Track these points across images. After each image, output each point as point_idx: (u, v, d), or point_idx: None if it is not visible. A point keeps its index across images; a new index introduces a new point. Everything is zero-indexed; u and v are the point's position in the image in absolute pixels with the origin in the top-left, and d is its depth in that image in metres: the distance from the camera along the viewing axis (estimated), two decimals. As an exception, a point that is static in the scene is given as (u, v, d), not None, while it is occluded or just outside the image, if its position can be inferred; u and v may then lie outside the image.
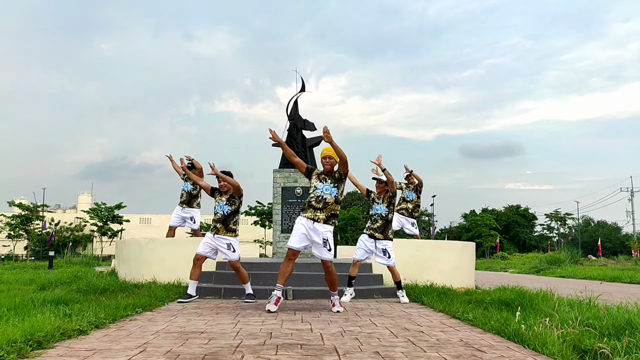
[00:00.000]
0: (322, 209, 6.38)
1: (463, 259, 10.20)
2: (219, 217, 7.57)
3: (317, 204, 6.40)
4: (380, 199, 7.86)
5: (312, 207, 6.42)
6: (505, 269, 26.32)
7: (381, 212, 7.80)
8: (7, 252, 60.41)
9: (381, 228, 7.77)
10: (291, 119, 12.83)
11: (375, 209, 7.89)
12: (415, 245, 9.60)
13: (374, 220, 7.83)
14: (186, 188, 10.45)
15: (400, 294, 7.82)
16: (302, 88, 13.28)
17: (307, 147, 12.74)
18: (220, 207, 7.60)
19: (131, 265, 9.95)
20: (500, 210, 77.35)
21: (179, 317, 5.70)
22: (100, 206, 59.24)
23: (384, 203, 7.83)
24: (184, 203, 10.36)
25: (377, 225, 7.79)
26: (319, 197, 6.41)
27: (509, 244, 71.19)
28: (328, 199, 6.41)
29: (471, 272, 10.57)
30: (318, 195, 6.42)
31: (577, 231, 69.06)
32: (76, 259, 23.11)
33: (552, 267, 22.34)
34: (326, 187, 6.43)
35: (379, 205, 7.85)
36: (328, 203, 6.41)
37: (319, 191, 6.43)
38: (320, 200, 6.40)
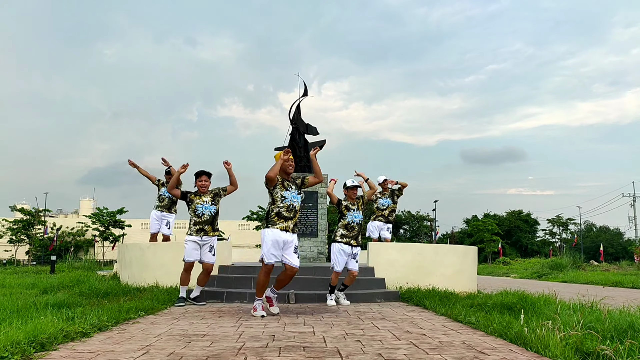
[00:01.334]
0: (291, 218, 6.38)
1: (465, 263, 10.20)
2: (207, 218, 7.51)
3: (287, 213, 6.35)
4: (355, 206, 7.78)
5: (282, 217, 6.33)
6: (507, 274, 26.28)
7: (358, 220, 7.74)
8: (9, 257, 60.42)
9: (357, 235, 7.74)
10: (294, 124, 12.86)
11: (351, 216, 7.73)
12: (417, 249, 9.60)
13: (350, 228, 7.70)
14: (167, 193, 10.50)
15: (343, 295, 7.82)
16: (305, 92, 13.32)
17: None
18: (205, 208, 7.52)
19: (133, 269, 9.96)
20: (502, 216, 77.23)
21: (181, 321, 5.70)
22: (102, 211, 59.33)
23: (359, 210, 7.79)
24: (164, 208, 10.50)
25: (354, 233, 7.71)
26: (289, 207, 6.36)
27: (511, 249, 71.04)
28: (297, 206, 6.45)
29: (473, 276, 10.56)
30: (288, 204, 6.36)
31: (580, 236, 68.86)
32: (78, 263, 23.12)
33: (554, 272, 22.28)
34: (294, 195, 6.43)
35: (356, 213, 7.75)
36: (297, 211, 6.46)
37: (287, 200, 6.37)
38: (291, 209, 6.37)
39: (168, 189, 7.84)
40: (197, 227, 7.54)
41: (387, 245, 9.43)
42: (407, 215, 77.11)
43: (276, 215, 6.33)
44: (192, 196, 7.59)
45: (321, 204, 12.29)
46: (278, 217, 6.32)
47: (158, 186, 10.68)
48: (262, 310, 6.25)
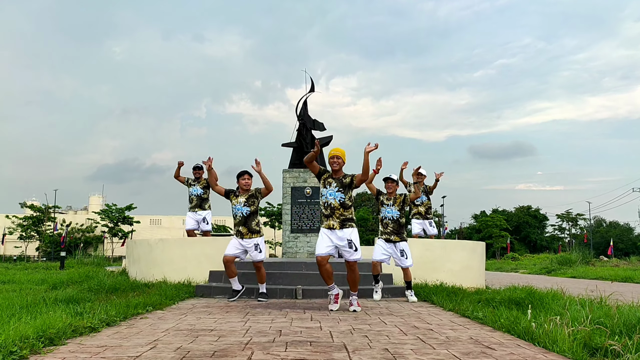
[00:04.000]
0: (331, 215, 6.40)
1: (473, 258, 10.17)
2: (239, 219, 7.48)
3: (325, 210, 6.44)
4: (391, 201, 7.71)
5: (324, 215, 6.47)
6: (515, 270, 26.19)
7: (392, 216, 7.66)
8: (19, 253, 60.90)
9: (395, 231, 7.66)
10: (301, 120, 12.84)
11: (385, 211, 7.70)
12: (425, 244, 9.58)
13: (385, 224, 7.70)
14: (195, 192, 10.49)
15: (410, 293, 7.79)
16: (312, 88, 13.30)
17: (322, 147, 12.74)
18: (238, 209, 7.49)
19: (141, 265, 10.01)
20: (510, 211, 76.97)
21: (189, 316, 5.73)
22: (111, 207, 59.63)
23: (395, 206, 7.69)
24: (196, 207, 10.42)
25: (390, 229, 7.66)
26: (325, 204, 6.44)
27: (520, 245, 70.79)
28: (333, 203, 6.40)
29: (481, 271, 10.53)
30: (324, 201, 6.44)
31: (589, 232, 68.47)
32: (87, 259, 23.31)
33: (563, 267, 22.20)
34: (330, 192, 6.43)
35: (390, 208, 7.69)
36: (334, 208, 6.40)
37: (324, 197, 6.45)
38: (327, 206, 6.42)
39: (212, 188, 7.81)
40: (235, 228, 7.61)
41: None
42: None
43: (322, 214, 6.54)
44: (232, 196, 7.62)
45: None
46: (322, 215, 6.52)
47: (187, 186, 10.69)
48: (335, 304, 6.50)
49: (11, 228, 59.08)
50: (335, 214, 6.39)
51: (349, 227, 6.43)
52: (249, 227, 7.51)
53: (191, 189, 10.54)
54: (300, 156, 12.42)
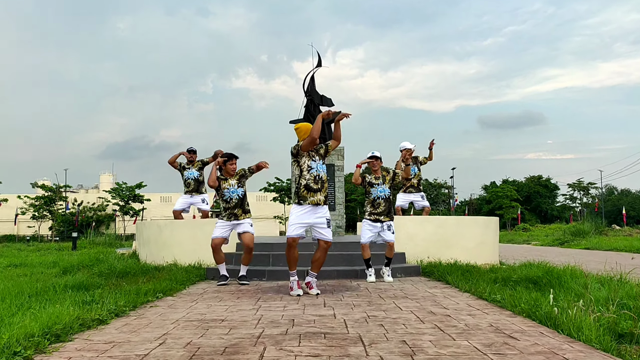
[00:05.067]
0: (320, 189, 6.18)
1: (487, 234, 9.99)
2: (235, 202, 7.35)
3: (315, 184, 6.13)
4: (380, 179, 7.48)
5: (310, 190, 6.12)
6: (528, 242, 26.01)
7: (384, 194, 7.45)
8: (33, 232, 61.51)
9: (386, 211, 7.45)
10: (308, 95, 12.58)
11: (376, 191, 7.45)
12: (438, 222, 9.40)
13: (376, 204, 7.44)
14: (191, 175, 10.36)
15: (387, 271, 7.51)
16: (319, 63, 12.99)
17: (325, 124, 12.52)
18: (232, 192, 7.35)
19: (151, 247, 9.92)
20: (521, 181, 76.46)
21: (199, 303, 5.61)
22: (121, 186, 59.87)
23: (385, 184, 7.48)
24: (192, 191, 10.31)
25: (381, 209, 7.43)
26: (316, 177, 6.16)
27: (531, 215, 70.47)
28: (323, 177, 6.24)
29: (495, 247, 10.36)
30: (315, 175, 6.14)
31: (601, 200, 67.96)
32: (99, 239, 23.38)
33: (577, 238, 21.98)
34: (320, 165, 6.24)
35: (381, 187, 7.46)
36: (324, 181, 6.23)
37: (314, 170, 6.16)
38: (318, 180, 6.17)
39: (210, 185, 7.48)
40: (228, 212, 7.39)
41: (406, 219, 9.25)
42: (425, 184, 76.66)
43: (305, 188, 6.14)
44: (220, 182, 7.41)
45: (338, 177, 12.10)
46: (307, 190, 6.14)
47: (181, 171, 10.53)
48: (298, 289, 6.13)
49: (23, 208, 59.55)
50: (324, 187, 6.21)
51: (328, 203, 6.34)
52: (244, 208, 7.41)
53: (186, 172, 10.40)
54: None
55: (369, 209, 7.52)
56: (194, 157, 10.45)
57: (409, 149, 9.94)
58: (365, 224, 7.49)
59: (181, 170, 10.48)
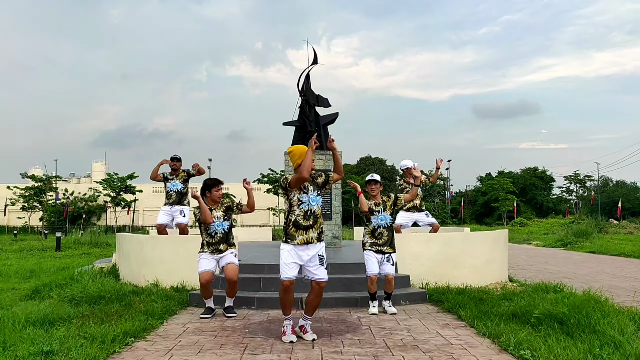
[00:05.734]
0: (312, 225, 5.29)
1: (496, 250, 9.21)
2: (220, 237, 6.55)
3: (305, 220, 5.27)
4: (380, 206, 6.63)
5: (300, 227, 5.25)
6: (528, 241, 25.30)
7: (386, 222, 6.62)
8: (23, 223, 60.52)
9: (389, 241, 6.65)
10: (303, 95, 11.72)
11: (376, 220, 6.61)
12: (444, 239, 8.59)
13: (378, 235, 6.61)
14: (174, 187, 9.49)
15: (388, 304, 6.74)
16: (314, 60, 12.12)
17: (322, 126, 11.66)
18: (218, 225, 6.52)
19: (131, 263, 9.09)
20: (516, 173, 75.81)
21: (175, 356, 4.78)
22: (112, 177, 58.83)
23: (386, 210, 6.64)
24: (174, 203, 9.42)
25: (384, 239, 6.62)
26: (307, 213, 5.27)
27: (526, 207, 69.96)
28: (317, 211, 5.35)
29: (504, 264, 9.60)
30: (305, 210, 5.27)
31: (597, 193, 67.53)
32: (85, 237, 22.55)
33: (580, 239, 21.28)
34: (312, 197, 5.30)
35: (382, 215, 6.61)
36: (317, 216, 5.34)
37: (305, 205, 5.27)
38: (310, 215, 5.28)
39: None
40: (211, 247, 6.56)
41: (410, 237, 8.43)
42: (420, 174, 75.83)
43: (293, 226, 5.27)
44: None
45: (335, 185, 11.27)
46: (296, 228, 5.26)
47: (164, 181, 9.65)
48: (292, 334, 5.29)
49: (13, 199, 58.49)
50: (317, 223, 5.33)
51: (322, 239, 5.42)
52: (229, 242, 6.63)
53: (169, 183, 9.52)
54: (304, 136, 11.36)
55: (369, 240, 6.69)
56: (178, 166, 9.56)
57: (409, 168, 9.19)
58: (368, 255, 6.66)
59: (164, 181, 9.61)
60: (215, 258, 6.58)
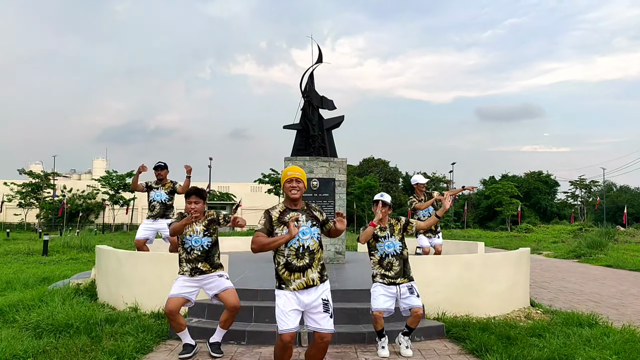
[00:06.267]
0: (310, 265, 4.24)
1: (519, 272, 8.24)
2: (198, 254, 5.43)
3: (298, 260, 4.22)
4: (387, 231, 5.54)
5: (294, 268, 4.21)
6: (538, 251, 24.19)
7: (394, 249, 5.50)
8: (19, 220, 59.74)
9: (400, 272, 5.54)
10: (306, 96, 10.70)
11: (382, 247, 5.51)
12: (464, 262, 7.59)
13: (387, 265, 5.50)
14: (158, 197, 8.44)
15: (406, 342, 5.65)
16: (319, 59, 11.12)
17: (325, 130, 10.66)
18: (196, 240, 5.43)
19: (109, 282, 8.11)
20: (520, 177, 74.77)
21: None
22: (111, 174, 57.92)
23: (395, 236, 5.54)
24: (157, 216, 8.36)
25: (395, 270, 5.50)
26: (299, 250, 4.22)
27: (530, 212, 68.92)
28: (312, 245, 4.27)
29: (527, 286, 8.62)
30: (297, 247, 4.22)
31: (602, 199, 66.48)
32: (75, 241, 21.52)
33: (594, 251, 20.25)
34: (304, 230, 4.26)
35: (388, 240, 5.50)
36: (314, 252, 4.28)
37: (294, 242, 4.21)
38: (303, 252, 4.23)
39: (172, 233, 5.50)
40: (189, 265, 5.45)
41: (424, 261, 7.42)
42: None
43: (285, 268, 4.24)
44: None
45: (339, 193, 10.26)
46: (288, 271, 4.23)
47: (147, 191, 8.63)
48: None
49: (9, 195, 57.65)
50: (315, 260, 4.27)
51: (326, 278, 4.36)
52: (211, 262, 5.48)
53: (153, 193, 8.47)
54: (306, 141, 10.37)
55: (378, 271, 5.58)
56: (163, 175, 8.54)
57: (419, 183, 8.48)
58: (377, 287, 5.57)
59: (147, 191, 8.59)
60: (196, 282, 5.45)
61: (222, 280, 5.44)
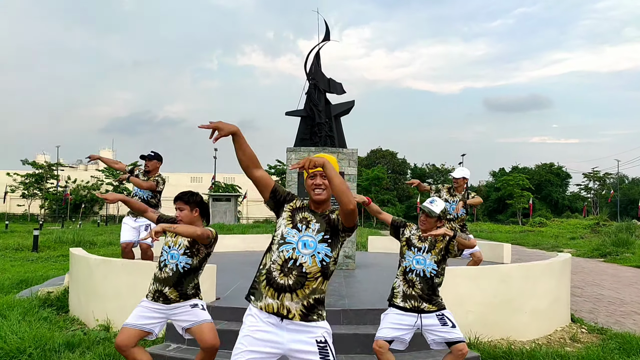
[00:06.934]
0: (293, 287, 2.88)
1: (562, 284, 7.00)
2: (169, 274, 4.10)
3: (283, 275, 2.90)
4: (426, 243, 4.14)
5: (273, 283, 2.91)
6: (558, 248, 22.81)
7: (423, 269, 4.09)
8: (23, 211, 59.17)
9: (425, 295, 4.08)
10: (311, 79, 9.42)
11: (411, 260, 4.13)
12: (500, 274, 6.32)
13: (409, 281, 4.09)
14: (140, 192, 7.23)
15: None
16: (326, 36, 9.83)
17: (333, 117, 9.38)
18: (172, 255, 4.13)
19: (80, 293, 6.93)
20: (531, 169, 73.14)
21: None
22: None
23: (432, 253, 4.12)
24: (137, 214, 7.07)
25: (417, 290, 4.07)
26: (287, 261, 2.92)
27: (541, 204, 67.42)
28: (308, 266, 2.91)
29: (568, 299, 7.37)
30: (287, 256, 2.93)
31: (617, 192, 64.87)
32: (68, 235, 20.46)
33: (620, 249, 18.91)
34: (307, 241, 2.95)
35: (421, 255, 4.12)
36: (307, 275, 2.90)
37: (287, 249, 2.94)
38: (290, 267, 2.90)
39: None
40: (155, 286, 4.13)
41: (453, 274, 6.10)
42: (432, 169, 73.60)
43: (265, 278, 2.93)
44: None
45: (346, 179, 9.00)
46: (267, 282, 2.92)
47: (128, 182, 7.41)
48: None
49: (13, 186, 57.05)
50: (303, 287, 2.89)
51: (318, 318, 2.94)
52: (183, 291, 4.12)
53: (137, 188, 7.27)
54: (311, 129, 9.12)
55: (401, 286, 4.15)
56: (151, 166, 7.31)
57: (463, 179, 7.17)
58: (390, 314, 4.16)
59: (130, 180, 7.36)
60: (160, 311, 4.12)
61: (196, 312, 4.13)
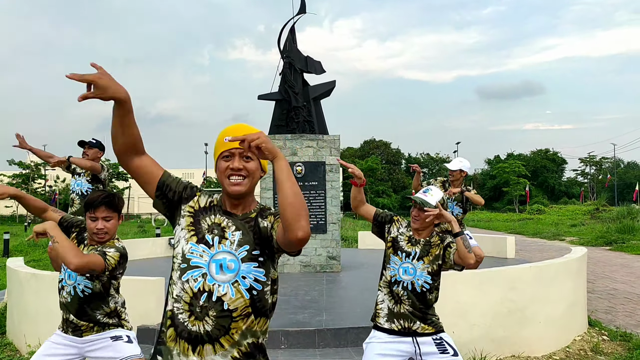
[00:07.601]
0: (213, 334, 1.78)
1: (579, 287, 5.99)
2: (67, 299, 3.07)
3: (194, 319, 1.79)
4: (417, 247, 3.04)
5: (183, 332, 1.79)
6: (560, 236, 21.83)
7: (411, 281, 2.99)
8: (11, 212, 58.19)
9: (418, 312, 3.00)
10: (285, 57, 8.32)
11: (396, 268, 3.04)
12: (509, 279, 5.27)
13: (396, 295, 3.02)
14: (78, 187, 6.04)
15: None
16: (302, 8, 8.72)
17: (312, 100, 8.29)
18: (70, 276, 3.03)
19: (13, 313, 5.87)
20: (526, 155, 72.27)
21: None
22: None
23: (424, 261, 3.01)
24: (76, 213, 5.93)
25: (406, 307, 2.99)
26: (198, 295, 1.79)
27: (537, 191, 66.62)
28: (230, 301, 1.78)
29: (585, 300, 6.36)
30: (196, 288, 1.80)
31: (613, 176, 64.11)
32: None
33: (626, 236, 17.99)
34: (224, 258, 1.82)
35: (409, 262, 3.01)
36: (231, 311, 1.78)
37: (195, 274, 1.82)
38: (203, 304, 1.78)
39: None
40: (63, 312, 3.14)
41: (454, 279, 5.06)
42: (426, 158, 72.69)
43: (171, 320, 1.82)
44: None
45: (331, 181, 7.91)
46: (177, 334, 1.80)
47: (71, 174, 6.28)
48: None
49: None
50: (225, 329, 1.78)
51: None
52: (92, 318, 3.05)
53: (73, 181, 6.10)
54: (287, 113, 8.03)
55: (384, 301, 3.07)
56: (91, 156, 6.16)
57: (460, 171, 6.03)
58: (372, 344, 3.05)
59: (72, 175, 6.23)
60: (73, 345, 3.07)
61: (119, 347, 3.04)
